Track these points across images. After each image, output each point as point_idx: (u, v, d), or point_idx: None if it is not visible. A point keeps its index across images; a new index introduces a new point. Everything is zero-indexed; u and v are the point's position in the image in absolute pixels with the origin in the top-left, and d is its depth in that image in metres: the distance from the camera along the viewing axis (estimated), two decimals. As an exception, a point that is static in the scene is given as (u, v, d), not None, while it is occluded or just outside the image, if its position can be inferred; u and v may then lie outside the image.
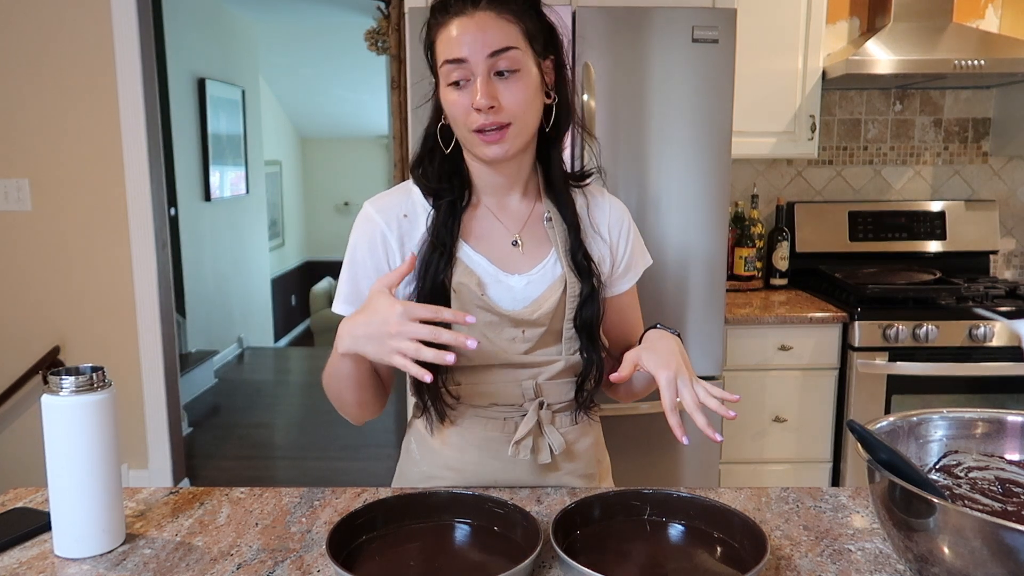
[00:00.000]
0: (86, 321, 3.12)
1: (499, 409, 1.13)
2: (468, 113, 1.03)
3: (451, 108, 1.05)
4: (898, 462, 0.87)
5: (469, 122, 1.04)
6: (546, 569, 0.94)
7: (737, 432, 2.66)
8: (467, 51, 1.01)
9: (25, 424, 3.17)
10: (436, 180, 1.12)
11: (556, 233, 1.14)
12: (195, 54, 5.15)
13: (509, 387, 1.11)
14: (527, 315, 1.10)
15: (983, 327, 2.54)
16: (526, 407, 1.12)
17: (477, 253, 1.11)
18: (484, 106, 1.01)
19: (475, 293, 1.09)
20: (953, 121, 3.14)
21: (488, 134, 1.04)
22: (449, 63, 1.03)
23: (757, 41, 2.71)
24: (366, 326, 0.94)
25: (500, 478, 1.14)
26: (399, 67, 2.77)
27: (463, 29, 1.01)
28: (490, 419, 1.13)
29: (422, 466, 1.18)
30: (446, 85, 1.05)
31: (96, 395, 0.98)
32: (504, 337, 1.10)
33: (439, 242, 1.08)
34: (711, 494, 1.08)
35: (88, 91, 2.98)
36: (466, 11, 1.02)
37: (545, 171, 1.16)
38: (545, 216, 1.15)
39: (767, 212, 3.16)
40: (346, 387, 1.06)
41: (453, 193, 1.11)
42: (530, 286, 1.12)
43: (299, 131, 8.41)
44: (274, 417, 4.63)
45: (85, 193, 3.04)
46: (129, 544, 1.02)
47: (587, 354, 1.13)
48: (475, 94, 1.01)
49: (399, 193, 1.15)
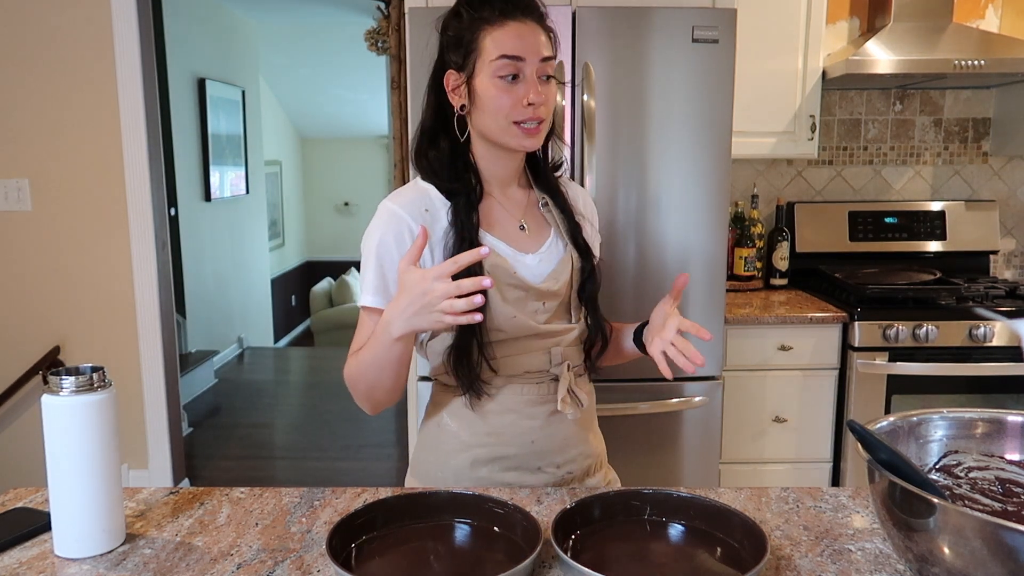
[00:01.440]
0: (86, 321, 3.12)
1: (531, 375, 1.23)
2: (517, 106, 1.14)
3: (498, 99, 1.14)
4: (898, 462, 0.87)
5: (515, 114, 1.15)
6: (546, 569, 0.94)
7: (737, 432, 2.66)
8: (526, 51, 1.14)
9: (25, 424, 3.17)
10: (446, 174, 1.21)
11: (555, 217, 1.28)
12: (195, 54, 5.15)
13: (538, 355, 1.23)
14: (550, 287, 1.23)
15: (983, 327, 2.54)
16: (553, 371, 1.24)
17: (495, 238, 1.21)
18: (538, 102, 1.14)
19: (508, 272, 1.20)
20: (953, 121, 3.14)
21: (529, 127, 1.16)
22: (507, 58, 1.13)
23: (757, 41, 2.71)
24: (411, 304, 1.03)
25: (536, 437, 1.23)
26: (399, 67, 2.77)
27: (522, 32, 1.14)
28: (524, 384, 1.23)
29: (462, 436, 1.24)
30: (495, 77, 1.14)
31: (96, 395, 0.98)
32: (529, 310, 1.22)
33: (466, 235, 1.17)
34: (711, 494, 1.08)
35: (88, 91, 2.98)
36: (521, 18, 1.15)
37: (533, 164, 1.30)
38: (541, 202, 1.28)
39: (767, 212, 3.16)
40: (392, 371, 1.14)
41: (468, 189, 1.20)
42: (541, 264, 1.24)
43: (299, 131, 8.41)
44: (274, 417, 4.63)
45: (85, 193, 3.04)
46: (129, 544, 1.02)
47: (593, 321, 1.28)
48: (530, 91, 1.14)
49: (415, 191, 1.22)
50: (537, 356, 1.23)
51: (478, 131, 1.20)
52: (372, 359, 1.13)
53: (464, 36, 1.16)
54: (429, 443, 1.28)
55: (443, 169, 1.21)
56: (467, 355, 1.17)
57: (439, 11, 2.25)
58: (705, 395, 2.32)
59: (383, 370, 1.13)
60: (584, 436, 1.29)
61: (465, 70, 1.17)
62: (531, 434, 1.23)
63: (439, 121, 1.22)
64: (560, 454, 1.25)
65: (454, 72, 1.18)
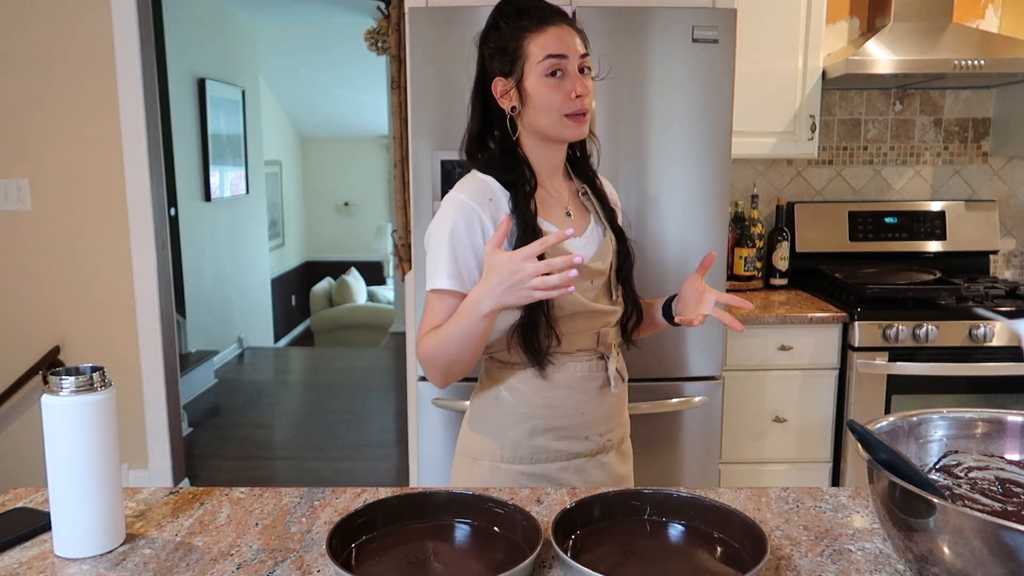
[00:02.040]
0: (86, 321, 3.12)
1: (582, 353, 1.36)
2: (566, 100, 1.27)
3: (549, 95, 1.27)
4: (898, 462, 0.87)
5: (565, 107, 1.27)
6: (546, 569, 0.94)
7: (737, 432, 2.66)
8: (567, 50, 1.27)
9: (25, 424, 3.18)
10: (502, 168, 1.33)
11: (593, 204, 1.41)
12: (195, 54, 5.15)
13: (587, 334, 1.35)
14: (598, 267, 1.35)
15: (983, 327, 2.54)
16: (600, 350, 1.37)
17: (548, 223, 1.33)
18: (584, 93, 1.28)
19: (564, 252, 1.28)
20: (953, 121, 3.14)
21: (576, 117, 1.29)
22: (552, 57, 1.27)
23: (757, 41, 2.71)
24: (500, 283, 1.14)
25: (586, 409, 1.36)
26: (399, 67, 2.77)
27: (561, 34, 1.28)
28: (577, 362, 1.35)
29: (520, 409, 1.35)
30: (544, 76, 1.27)
31: (96, 395, 0.98)
32: (581, 288, 1.33)
33: (527, 222, 1.28)
34: (711, 494, 1.08)
35: (88, 91, 2.98)
36: (557, 22, 1.29)
37: (571, 157, 1.43)
38: (580, 192, 1.42)
39: (767, 212, 3.16)
40: (474, 346, 1.24)
41: (524, 180, 1.32)
42: (586, 246, 1.37)
43: (299, 131, 8.41)
44: (274, 417, 4.63)
45: (85, 193, 3.04)
46: (129, 544, 1.02)
47: (629, 297, 1.42)
48: (575, 84, 1.27)
49: (477, 182, 1.33)
50: (587, 336, 1.35)
51: (529, 128, 1.32)
52: (458, 335, 1.23)
53: (508, 45, 1.29)
54: (485, 415, 1.39)
55: (497, 165, 1.33)
56: (535, 330, 1.29)
57: (439, 11, 2.24)
58: (705, 395, 2.32)
59: (467, 344, 1.23)
60: (621, 408, 1.44)
61: (513, 75, 1.30)
62: (582, 407, 1.36)
63: (486, 125, 1.36)
64: (604, 424, 1.39)
65: (502, 79, 1.31)
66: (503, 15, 1.31)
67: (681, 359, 2.31)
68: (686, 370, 2.32)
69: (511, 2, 1.32)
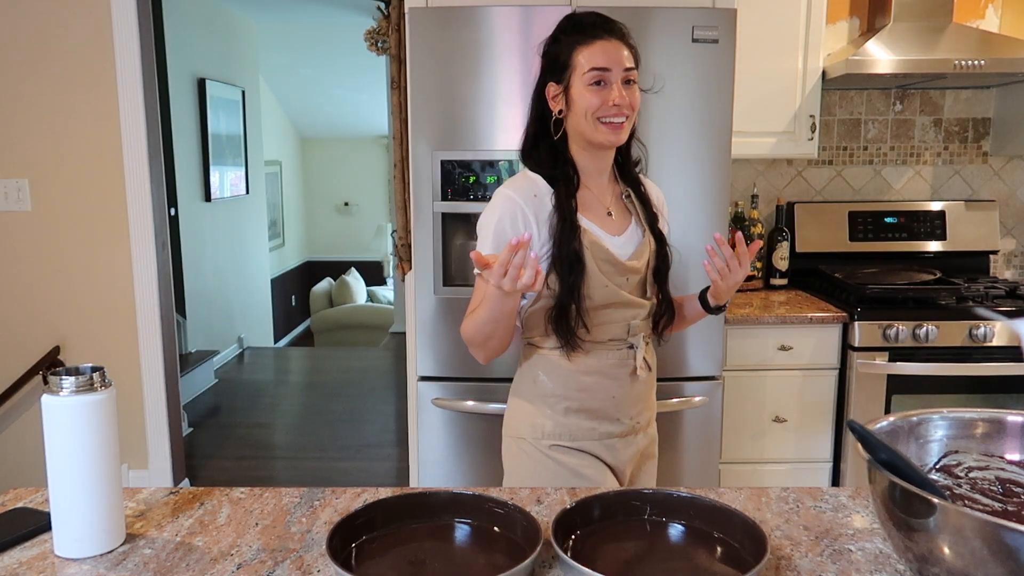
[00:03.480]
0: (86, 321, 3.12)
1: (613, 343, 1.48)
2: (603, 106, 1.40)
3: (588, 100, 1.40)
4: (898, 462, 0.87)
5: (601, 112, 1.40)
6: (546, 569, 0.94)
7: (737, 432, 2.66)
8: (611, 63, 1.40)
9: (25, 424, 3.17)
10: (548, 167, 1.46)
11: (636, 207, 1.53)
12: (195, 54, 5.15)
13: (619, 325, 1.47)
14: (633, 264, 1.47)
15: (983, 327, 2.54)
16: (630, 340, 1.49)
17: (588, 221, 1.44)
18: (622, 103, 1.40)
19: (602, 248, 1.44)
20: (953, 121, 3.14)
21: (611, 124, 1.41)
22: (595, 69, 1.40)
23: (757, 41, 2.71)
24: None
25: (616, 394, 1.49)
26: (399, 67, 2.77)
27: (607, 48, 1.40)
28: (609, 350, 1.48)
29: (556, 391, 1.48)
30: (588, 85, 1.40)
31: (96, 395, 0.98)
32: (617, 283, 1.45)
33: (567, 216, 1.41)
34: (711, 494, 1.08)
35: (88, 91, 2.98)
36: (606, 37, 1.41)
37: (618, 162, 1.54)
38: (624, 194, 1.53)
39: (767, 212, 3.16)
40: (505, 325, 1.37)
41: (567, 179, 1.45)
42: (625, 245, 1.48)
43: (299, 131, 8.41)
44: (274, 417, 4.63)
45: (85, 193, 3.04)
46: (129, 544, 1.02)
47: (664, 297, 1.53)
48: (614, 94, 1.40)
49: (526, 179, 1.47)
50: (618, 326, 1.47)
51: (572, 131, 1.46)
52: (488, 315, 1.35)
53: (561, 55, 1.43)
54: (525, 395, 1.52)
55: (546, 163, 1.46)
56: (566, 314, 1.40)
57: (439, 11, 2.25)
58: (705, 395, 2.32)
59: (498, 324, 1.36)
60: (649, 394, 1.58)
61: (563, 82, 1.43)
62: (612, 391, 1.49)
63: (540, 126, 1.48)
64: (633, 407, 1.52)
65: (553, 84, 1.45)
66: (562, 29, 1.46)
67: (681, 359, 2.31)
68: (686, 370, 2.32)
69: (572, 17, 1.46)
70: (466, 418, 2.32)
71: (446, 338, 2.30)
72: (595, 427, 1.48)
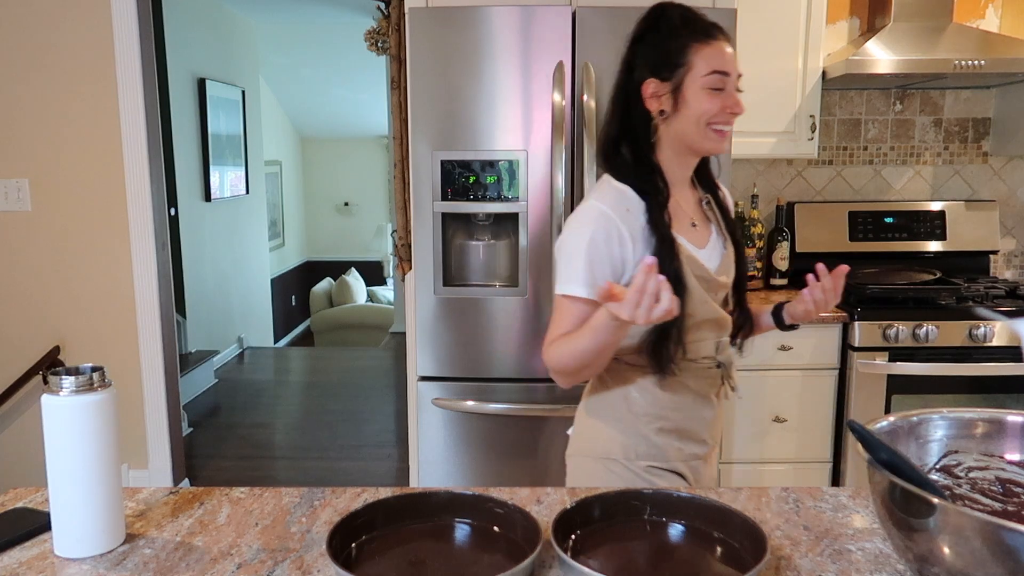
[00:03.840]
0: (86, 321, 3.12)
1: (704, 361, 1.40)
2: (721, 112, 1.31)
3: (706, 104, 1.30)
4: (898, 462, 0.87)
5: (716, 118, 1.31)
6: (546, 569, 0.94)
7: (737, 432, 2.66)
8: (730, 68, 1.31)
9: (25, 424, 3.17)
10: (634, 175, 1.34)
11: (715, 214, 1.44)
12: (195, 54, 5.15)
13: (709, 343, 1.40)
14: (724, 280, 1.40)
15: (983, 327, 2.54)
16: (719, 358, 1.41)
17: (678, 235, 1.34)
18: (739, 112, 1.32)
19: (697, 263, 1.35)
20: (953, 121, 3.14)
21: (721, 132, 1.32)
22: (718, 73, 1.30)
23: (757, 41, 2.71)
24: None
25: (705, 414, 1.42)
26: (399, 67, 2.77)
27: (726, 52, 1.32)
28: (699, 369, 1.40)
29: (650, 410, 1.39)
30: (707, 88, 1.30)
31: (96, 395, 0.98)
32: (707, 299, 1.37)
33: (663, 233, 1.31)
34: (711, 494, 1.08)
35: (88, 91, 2.98)
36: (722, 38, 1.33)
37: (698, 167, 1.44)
38: (704, 201, 1.44)
39: (767, 212, 3.16)
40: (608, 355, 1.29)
41: (657, 191, 1.33)
42: (711, 258, 1.39)
43: (299, 131, 8.41)
44: (274, 417, 4.63)
45: (85, 193, 3.04)
46: (129, 544, 1.02)
47: (745, 309, 1.48)
48: (733, 102, 1.31)
49: (615, 191, 1.34)
50: (708, 344, 1.39)
51: (672, 134, 1.34)
52: (592, 344, 1.24)
53: (670, 50, 1.31)
54: (612, 415, 1.42)
55: (632, 172, 1.34)
56: (666, 336, 1.31)
57: (439, 11, 2.24)
58: (705, 395, 2.31)
59: (602, 354, 1.27)
60: (722, 412, 1.51)
61: (672, 80, 1.31)
62: (702, 411, 1.42)
63: (624, 129, 1.36)
64: (714, 427, 1.46)
65: (655, 81, 1.32)
66: (665, 18, 1.33)
67: (681, 359, 2.31)
68: (686, 370, 2.32)
69: (674, 8, 1.34)
70: (466, 418, 2.32)
71: (446, 338, 2.30)
72: (682, 448, 1.41)
